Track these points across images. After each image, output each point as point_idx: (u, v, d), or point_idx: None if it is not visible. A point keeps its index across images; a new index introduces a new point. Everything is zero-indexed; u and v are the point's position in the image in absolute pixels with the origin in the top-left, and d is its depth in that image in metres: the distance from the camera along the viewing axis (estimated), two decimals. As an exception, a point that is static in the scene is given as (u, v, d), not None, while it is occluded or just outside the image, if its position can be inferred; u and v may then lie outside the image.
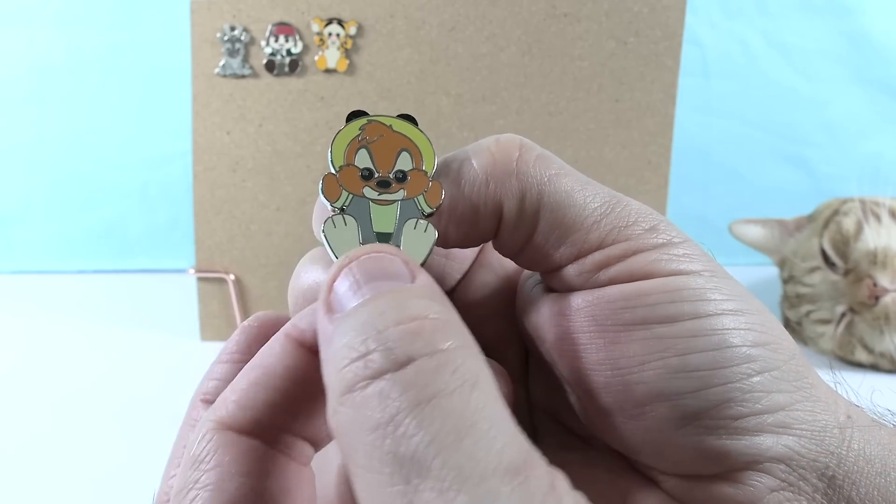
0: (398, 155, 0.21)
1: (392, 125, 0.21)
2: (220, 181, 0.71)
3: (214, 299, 0.73)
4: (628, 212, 0.20)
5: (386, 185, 0.21)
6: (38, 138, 0.91)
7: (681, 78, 0.71)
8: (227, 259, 0.73)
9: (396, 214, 0.21)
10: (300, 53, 0.69)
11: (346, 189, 0.21)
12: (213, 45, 0.68)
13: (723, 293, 0.19)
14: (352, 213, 0.21)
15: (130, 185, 0.92)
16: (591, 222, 0.20)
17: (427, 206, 0.21)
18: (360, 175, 0.21)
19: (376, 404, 0.15)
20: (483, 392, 0.15)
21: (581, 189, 0.21)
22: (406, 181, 0.21)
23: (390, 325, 0.16)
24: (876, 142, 0.97)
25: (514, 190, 0.20)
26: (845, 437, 0.19)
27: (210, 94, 0.69)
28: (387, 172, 0.21)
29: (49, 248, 0.93)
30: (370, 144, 0.21)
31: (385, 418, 0.15)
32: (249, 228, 0.72)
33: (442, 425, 0.14)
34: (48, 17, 0.88)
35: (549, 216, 0.20)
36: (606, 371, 0.20)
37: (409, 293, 0.17)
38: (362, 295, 0.17)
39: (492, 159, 0.21)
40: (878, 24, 0.95)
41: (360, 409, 0.15)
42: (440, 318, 0.16)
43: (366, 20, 0.69)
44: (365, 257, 0.17)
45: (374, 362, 0.15)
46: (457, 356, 0.15)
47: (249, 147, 0.70)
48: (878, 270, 0.66)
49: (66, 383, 0.65)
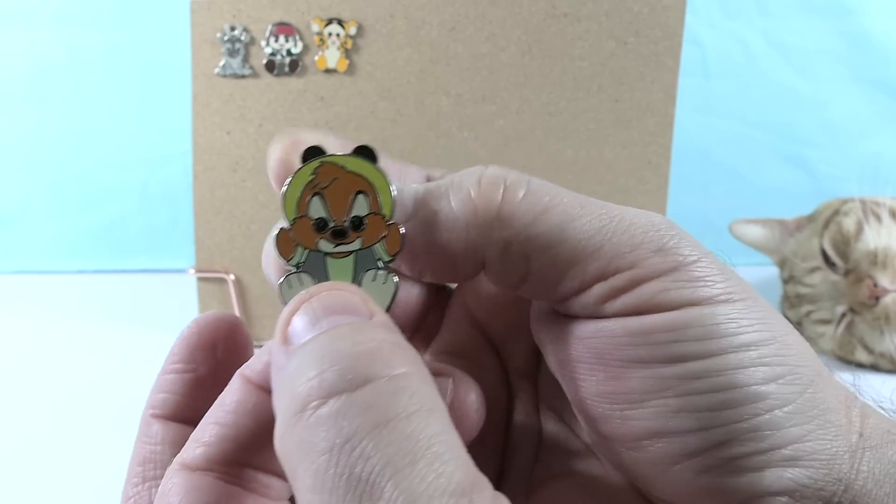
0: (354, 199, 0.19)
1: (346, 165, 0.19)
2: (220, 181, 0.71)
3: (214, 299, 0.73)
4: (631, 233, 0.19)
5: (342, 235, 0.19)
6: (38, 138, 0.91)
7: (681, 78, 0.71)
8: (227, 259, 0.72)
9: (352, 267, 0.20)
10: (300, 53, 0.69)
11: (300, 244, 0.19)
12: (213, 45, 0.68)
13: (736, 324, 0.18)
14: (308, 269, 0.19)
15: (130, 185, 0.92)
16: (588, 253, 0.19)
17: (385, 254, 0.19)
18: (314, 227, 0.19)
19: (332, 425, 0.15)
20: (438, 418, 0.15)
21: (575, 219, 0.19)
22: (362, 228, 0.19)
23: (348, 348, 0.16)
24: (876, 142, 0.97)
25: (496, 239, 0.19)
26: (855, 460, 0.18)
27: (210, 94, 0.69)
28: (342, 220, 0.19)
29: (49, 248, 0.93)
30: (323, 190, 0.19)
31: (341, 440, 0.14)
32: (249, 228, 0.72)
33: (398, 448, 0.14)
34: (48, 17, 0.88)
35: (542, 257, 0.19)
36: (605, 403, 0.19)
37: (366, 324, 0.17)
38: (320, 327, 0.16)
39: (472, 205, 0.19)
40: (878, 24, 0.95)
41: (312, 430, 0.15)
42: (398, 345, 0.16)
43: (366, 20, 0.69)
44: (325, 293, 0.17)
45: (329, 381, 0.15)
46: (412, 381, 0.16)
47: (249, 147, 0.70)
48: (879, 271, 0.66)
49: (66, 383, 0.65)
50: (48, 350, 0.71)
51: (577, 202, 0.19)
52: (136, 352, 0.71)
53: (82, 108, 0.91)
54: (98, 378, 0.65)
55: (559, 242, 0.19)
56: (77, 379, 0.65)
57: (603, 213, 0.19)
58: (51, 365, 0.68)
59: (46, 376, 0.66)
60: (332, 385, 0.15)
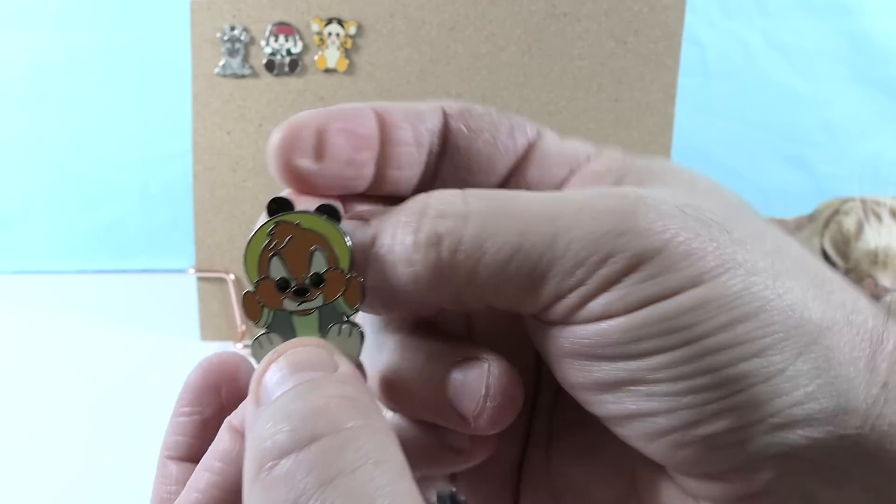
0: (311, 256, 0.20)
1: (301, 222, 0.20)
2: (220, 181, 0.71)
3: (214, 299, 0.73)
4: (575, 252, 0.18)
5: (303, 293, 0.20)
6: (38, 138, 0.91)
7: (681, 78, 0.71)
8: (227, 259, 0.72)
9: (317, 324, 0.20)
10: (300, 53, 0.69)
11: (265, 305, 0.20)
12: (213, 45, 0.68)
13: (704, 311, 0.17)
14: (276, 328, 0.20)
15: (130, 185, 0.92)
16: (538, 277, 0.18)
17: (348, 307, 0.20)
18: (276, 286, 0.20)
19: (283, 485, 0.15)
20: (386, 469, 0.16)
21: (515, 251, 0.18)
22: (323, 284, 0.20)
23: (301, 407, 0.16)
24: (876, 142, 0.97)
25: (446, 293, 0.19)
26: (873, 412, 0.17)
27: (210, 93, 0.69)
28: (302, 278, 0.20)
29: (49, 248, 0.93)
30: (281, 249, 0.20)
31: (291, 499, 0.15)
32: (249, 228, 0.71)
33: (348, 501, 0.15)
34: (48, 17, 0.88)
35: (496, 297, 0.19)
36: (583, 391, 0.20)
37: (327, 380, 0.17)
38: (287, 385, 0.17)
39: (413, 273, 0.19)
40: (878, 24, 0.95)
41: (268, 490, 0.16)
42: (347, 398, 0.17)
43: (366, 20, 0.69)
44: (291, 351, 0.18)
45: (279, 442, 0.16)
46: (360, 434, 0.16)
47: (249, 147, 0.70)
48: (879, 270, 0.66)
49: (66, 383, 0.65)
50: (48, 350, 0.71)
51: (514, 227, 0.18)
52: (136, 352, 0.71)
53: (82, 108, 0.90)
54: (98, 378, 0.65)
55: (507, 281, 0.18)
56: (77, 379, 0.65)
57: (537, 233, 0.18)
58: (51, 365, 0.68)
59: (46, 376, 0.66)
60: (284, 445, 0.16)
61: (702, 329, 0.18)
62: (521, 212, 0.19)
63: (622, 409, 0.19)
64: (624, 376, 0.18)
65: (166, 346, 0.72)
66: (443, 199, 0.19)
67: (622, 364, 0.18)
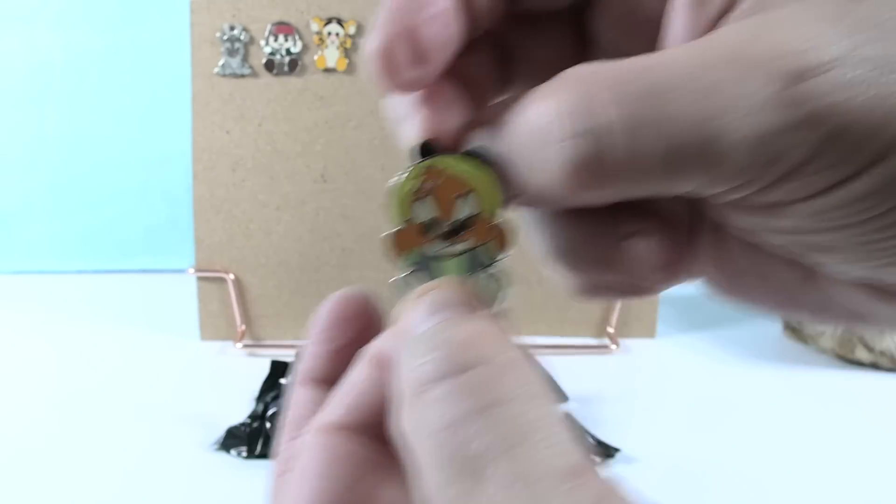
0: (460, 201, 0.20)
1: (453, 167, 0.19)
2: (219, 181, 0.71)
3: (214, 299, 0.73)
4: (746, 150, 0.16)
5: (448, 237, 0.20)
6: (38, 138, 0.91)
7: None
8: (226, 259, 0.73)
9: (463, 268, 0.20)
10: (300, 53, 0.69)
11: (409, 247, 0.20)
12: (213, 45, 0.68)
13: None
14: (419, 270, 0.20)
15: (130, 185, 0.92)
16: (703, 178, 0.16)
17: (492, 254, 0.20)
18: (422, 229, 0.20)
19: (437, 409, 0.16)
20: (539, 404, 0.16)
21: (673, 146, 0.16)
22: (470, 229, 0.20)
23: (457, 335, 0.17)
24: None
25: (598, 193, 0.18)
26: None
27: (210, 93, 0.69)
28: (448, 223, 0.20)
29: (49, 248, 0.93)
30: (431, 192, 0.20)
31: (452, 420, 0.15)
32: (249, 228, 0.72)
33: (505, 429, 0.15)
34: (48, 17, 0.88)
35: (660, 187, 0.17)
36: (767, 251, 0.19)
37: (474, 316, 0.18)
38: (435, 319, 0.18)
39: (563, 175, 0.17)
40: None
41: (426, 411, 0.16)
42: (496, 333, 0.17)
43: (365, 19, 0.69)
44: (436, 291, 0.18)
45: (432, 370, 0.16)
46: (513, 367, 0.16)
47: (249, 146, 0.70)
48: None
49: (66, 383, 0.65)
50: (48, 350, 0.71)
51: (674, 113, 0.16)
52: (136, 352, 0.71)
53: (82, 108, 0.91)
54: (98, 377, 0.65)
55: (670, 174, 0.16)
56: (77, 378, 0.65)
57: (704, 128, 0.16)
58: (51, 365, 0.68)
59: (47, 376, 0.66)
60: (439, 370, 0.16)
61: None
62: (672, 97, 0.16)
63: (811, 264, 0.18)
64: (814, 242, 0.17)
65: (166, 346, 0.72)
66: (580, 81, 0.17)
67: (808, 237, 0.17)
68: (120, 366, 0.68)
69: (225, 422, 0.57)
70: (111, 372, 0.67)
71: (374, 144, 0.71)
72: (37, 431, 0.57)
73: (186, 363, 0.69)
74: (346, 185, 0.72)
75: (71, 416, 0.59)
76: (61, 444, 0.55)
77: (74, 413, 0.60)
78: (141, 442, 0.55)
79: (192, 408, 0.60)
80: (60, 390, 0.63)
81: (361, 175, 0.71)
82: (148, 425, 0.58)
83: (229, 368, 0.68)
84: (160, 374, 0.67)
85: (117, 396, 0.62)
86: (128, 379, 0.66)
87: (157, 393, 0.63)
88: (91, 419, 0.59)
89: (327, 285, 0.73)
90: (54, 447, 0.55)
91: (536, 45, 0.22)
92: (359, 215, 0.72)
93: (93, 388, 0.64)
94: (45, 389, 0.63)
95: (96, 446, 0.55)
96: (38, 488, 0.50)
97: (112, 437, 0.56)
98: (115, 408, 0.60)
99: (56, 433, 0.57)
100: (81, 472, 0.52)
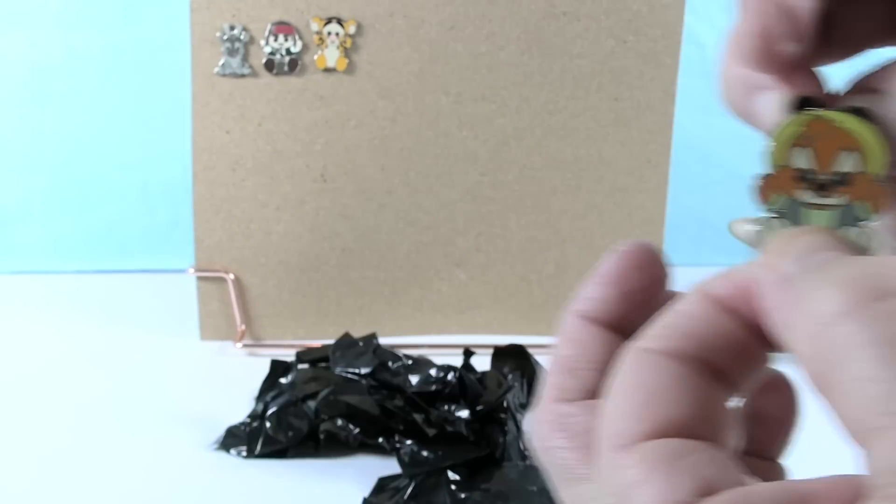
0: (841, 155, 0.19)
1: (839, 121, 0.19)
2: (219, 181, 0.71)
3: (214, 299, 0.73)
4: None
5: (824, 189, 0.20)
6: (38, 138, 0.91)
7: (681, 78, 0.71)
8: (226, 258, 0.72)
9: (833, 221, 0.20)
10: (299, 52, 0.69)
11: (779, 192, 0.20)
12: (213, 45, 0.68)
13: None
14: (786, 216, 0.20)
15: (130, 185, 0.92)
16: None
17: (867, 213, 0.20)
18: (796, 177, 0.20)
19: (884, 322, 0.15)
20: None
21: None
22: (847, 185, 0.19)
23: (853, 272, 0.16)
24: (876, 141, 0.97)
25: None
26: None
27: (210, 93, 0.69)
28: (826, 174, 0.20)
29: (49, 248, 0.93)
30: (811, 142, 0.20)
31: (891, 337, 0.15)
32: (249, 228, 0.72)
33: None
34: (48, 17, 0.88)
35: None
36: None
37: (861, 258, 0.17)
38: (813, 260, 0.17)
39: None
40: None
41: (868, 323, 0.15)
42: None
43: (365, 19, 0.69)
44: (811, 235, 0.18)
45: (880, 288, 0.15)
46: None
47: (249, 146, 0.70)
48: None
49: (65, 383, 0.65)
50: (48, 350, 0.71)
51: None
52: (136, 352, 0.71)
53: (82, 108, 0.90)
54: (98, 377, 0.65)
55: None
56: (77, 378, 0.65)
57: None
58: (50, 365, 0.68)
59: (46, 376, 0.66)
60: (873, 289, 0.15)
61: None
62: None
63: None
64: None
65: (166, 346, 0.72)
66: None
67: None
68: (120, 365, 0.68)
69: (225, 421, 0.57)
70: (111, 372, 0.67)
71: (374, 144, 0.71)
72: (36, 431, 0.57)
73: (186, 363, 0.69)
74: (346, 185, 0.72)
75: (71, 415, 0.59)
76: (61, 443, 0.55)
77: (74, 413, 0.60)
78: (141, 441, 0.55)
79: (191, 407, 0.60)
80: (60, 390, 0.63)
81: (361, 175, 0.71)
82: (148, 425, 0.58)
83: (229, 368, 0.68)
84: (160, 373, 0.67)
85: (117, 396, 0.62)
86: (127, 378, 0.66)
87: (156, 392, 0.63)
88: (91, 419, 0.59)
89: (327, 285, 0.73)
90: (54, 447, 0.55)
91: (857, 19, 0.23)
92: (359, 215, 0.72)
93: (92, 387, 0.64)
94: (44, 389, 0.63)
95: (96, 446, 0.55)
96: (38, 488, 0.50)
97: (112, 436, 0.56)
98: (115, 407, 0.60)
99: (56, 433, 0.57)
100: (81, 471, 0.52)
